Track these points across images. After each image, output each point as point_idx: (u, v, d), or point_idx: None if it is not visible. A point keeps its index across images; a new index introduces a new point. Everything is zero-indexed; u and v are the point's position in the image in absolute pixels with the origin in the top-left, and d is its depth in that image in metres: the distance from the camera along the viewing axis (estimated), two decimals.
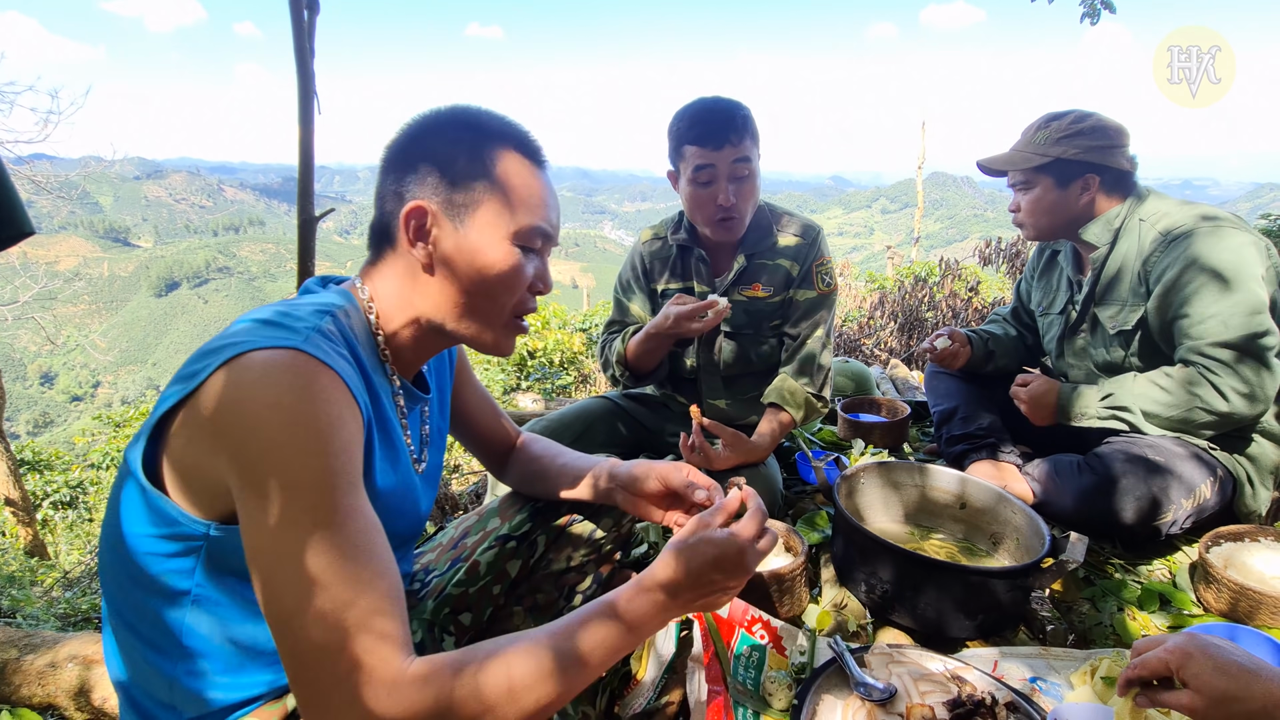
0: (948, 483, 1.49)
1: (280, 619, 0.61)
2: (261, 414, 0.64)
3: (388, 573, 0.64)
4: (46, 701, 1.25)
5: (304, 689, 0.60)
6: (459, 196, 0.81)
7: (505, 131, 0.85)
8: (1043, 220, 1.66)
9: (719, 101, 1.57)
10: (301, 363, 0.67)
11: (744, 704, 1.04)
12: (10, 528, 6.50)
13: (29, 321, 9.19)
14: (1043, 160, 1.59)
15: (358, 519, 0.65)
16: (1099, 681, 1.06)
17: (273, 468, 0.63)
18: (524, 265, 0.84)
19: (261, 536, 0.63)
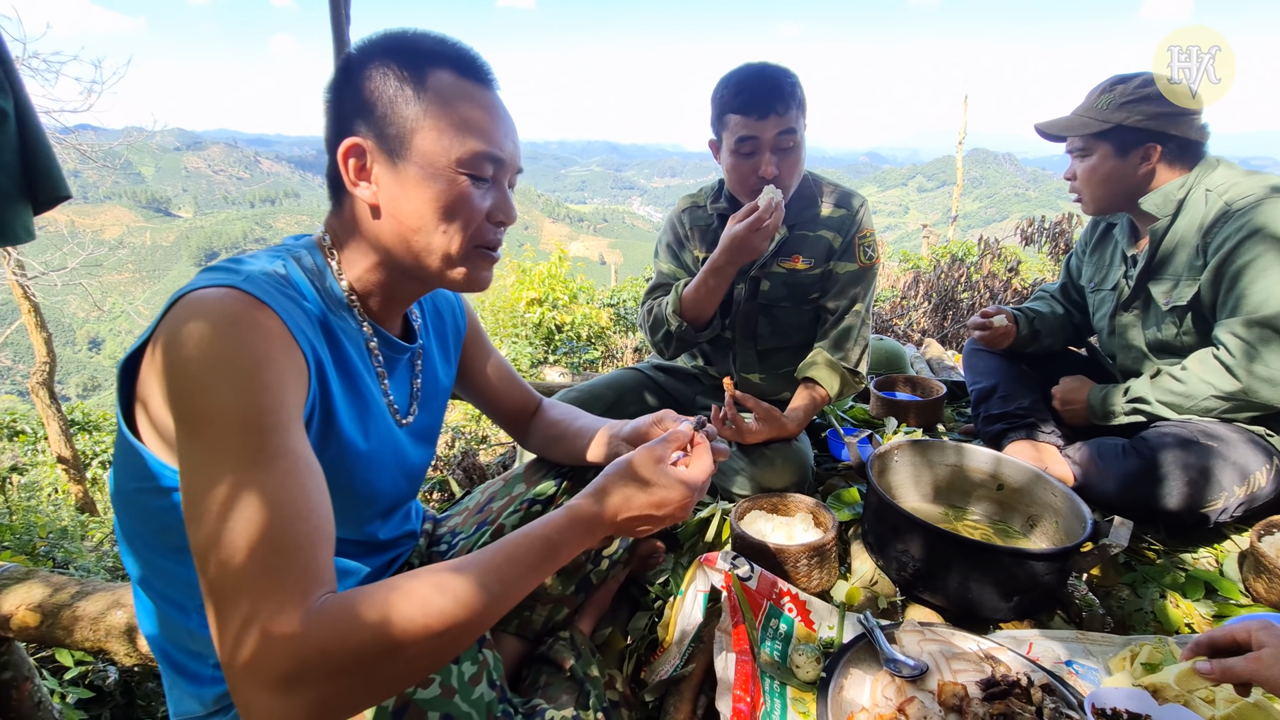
0: (984, 462, 1.46)
1: (197, 557, 0.59)
2: (190, 352, 0.63)
3: (310, 514, 0.61)
4: (98, 645, 1.30)
5: (220, 624, 0.56)
6: (392, 129, 0.76)
7: (439, 51, 0.79)
8: (1098, 190, 1.57)
9: (766, 69, 1.50)
10: (232, 299, 0.65)
11: (771, 675, 1.03)
12: (63, 484, 6.82)
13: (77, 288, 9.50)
14: (1102, 126, 1.50)
15: (284, 459, 0.62)
16: (1139, 667, 1.03)
17: (198, 406, 0.61)
18: (473, 195, 0.78)
19: (189, 474, 0.61)
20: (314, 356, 0.72)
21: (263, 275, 0.71)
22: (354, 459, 0.80)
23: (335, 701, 0.56)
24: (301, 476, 0.62)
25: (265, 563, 0.57)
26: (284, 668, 0.54)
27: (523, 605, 1.10)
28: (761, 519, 1.39)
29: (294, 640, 0.54)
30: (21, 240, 1.58)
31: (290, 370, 0.67)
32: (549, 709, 0.89)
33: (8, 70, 1.55)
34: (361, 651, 0.56)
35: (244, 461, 0.60)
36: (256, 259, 0.76)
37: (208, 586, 0.58)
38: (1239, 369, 1.37)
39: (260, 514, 0.58)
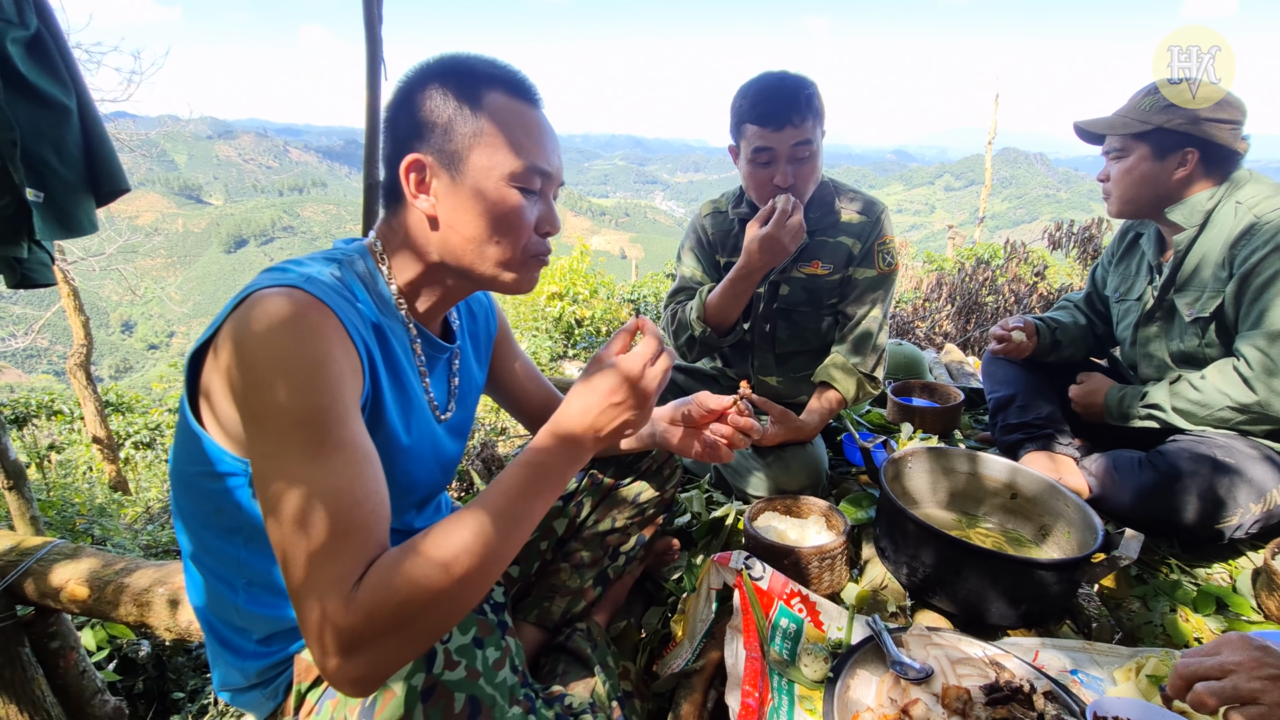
0: (998, 471, 1.47)
1: (275, 541, 0.65)
2: (255, 352, 0.68)
3: (367, 499, 0.67)
4: (140, 621, 1.38)
5: (296, 604, 0.64)
6: (451, 145, 0.81)
7: (492, 73, 0.84)
8: (1129, 191, 1.56)
9: (783, 80, 1.53)
10: (296, 299, 0.71)
11: (780, 672, 1.07)
12: (97, 463, 7.05)
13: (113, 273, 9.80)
14: (1143, 127, 1.49)
15: (343, 450, 0.68)
16: (1144, 679, 1.05)
17: (265, 402, 0.67)
18: (525, 207, 0.84)
19: (258, 465, 0.68)
20: (367, 354, 0.78)
21: (320, 277, 0.77)
22: (397, 451, 0.85)
23: (392, 652, 0.63)
24: (360, 465, 0.68)
25: (326, 546, 0.63)
26: (345, 636, 0.61)
27: (542, 596, 1.15)
28: (775, 520, 1.43)
29: (346, 613, 0.61)
30: (86, 232, 1.67)
31: (347, 367, 0.72)
32: (567, 695, 0.94)
33: (71, 70, 1.64)
34: (401, 608, 0.62)
35: (307, 454, 0.66)
36: (314, 261, 0.82)
37: (283, 567, 0.65)
38: (1257, 382, 1.37)
39: (321, 502, 0.64)
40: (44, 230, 1.66)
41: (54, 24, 1.64)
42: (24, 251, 1.66)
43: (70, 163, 1.69)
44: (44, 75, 1.60)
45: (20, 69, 1.53)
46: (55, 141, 1.65)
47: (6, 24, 1.49)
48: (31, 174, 1.60)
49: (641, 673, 1.17)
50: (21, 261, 1.68)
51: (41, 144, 1.61)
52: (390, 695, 0.79)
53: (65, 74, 1.66)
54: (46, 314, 9.13)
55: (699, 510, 1.54)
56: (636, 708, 1.04)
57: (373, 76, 2.38)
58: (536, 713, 0.83)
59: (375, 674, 0.63)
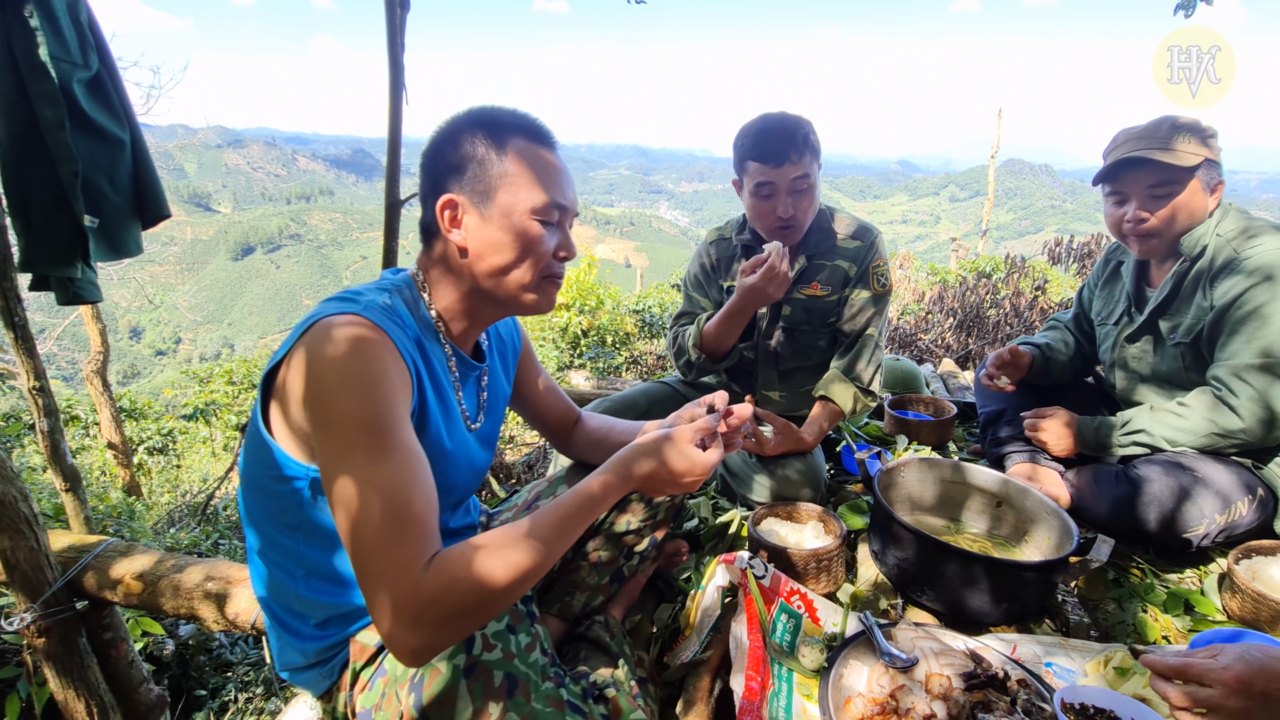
0: (984, 480, 1.58)
1: (344, 531, 0.77)
2: (325, 369, 0.81)
3: (421, 494, 0.79)
4: (191, 613, 1.50)
5: (362, 585, 0.76)
6: (481, 185, 0.95)
7: (514, 123, 0.97)
8: (1182, 226, 1.56)
9: (782, 120, 1.67)
10: (358, 325, 0.84)
11: (780, 662, 1.18)
12: (111, 468, 7.19)
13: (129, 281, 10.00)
14: (1197, 160, 1.49)
15: (400, 452, 0.79)
16: (1110, 670, 1.15)
17: (333, 412, 0.80)
18: (545, 237, 0.97)
19: (328, 467, 0.80)
20: (415, 371, 0.91)
21: (377, 305, 0.90)
22: (438, 455, 0.97)
23: (448, 632, 0.76)
24: (414, 465, 0.81)
25: (390, 534, 0.75)
26: (409, 613, 0.73)
27: (564, 591, 1.26)
28: (776, 524, 1.54)
29: (413, 592, 0.73)
30: (133, 254, 1.80)
31: (400, 382, 0.85)
32: (592, 675, 1.05)
33: (125, 104, 1.77)
34: (462, 598, 0.75)
35: (371, 455, 0.78)
36: (369, 291, 0.95)
37: (350, 552, 0.77)
38: (1243, 409, 1.45)
39: (384, 496, 0.77)
40: (97, 253, 1.79)
41: (112, 63, 1.78)
42: (78, 272, 1.79)
43: (121, 190, 1.83)
44: (102, 111, 1.73)
45: (83, 106, 1.67)
46: (110, 171, 1.79)
47: (73, 66, 1.62)
48: (87, 201, 1.73)
49: (654, 663, 1.28)
50: (74, 281, 1.82)
51: (98, 174, 1.75)
52: (436, 673, 0.91)
53: (120, 109, 1.79)
54: (64, 322, 9.32)
55: (706, 515, 1.65)
56: (650, 692, 1.15)
57: (395, 102, 2.52)
58: (565, 687, 0.94)
59: (432, 646, 0.75)
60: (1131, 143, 1.55)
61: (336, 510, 0.78)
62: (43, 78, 1.52)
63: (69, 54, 1.61)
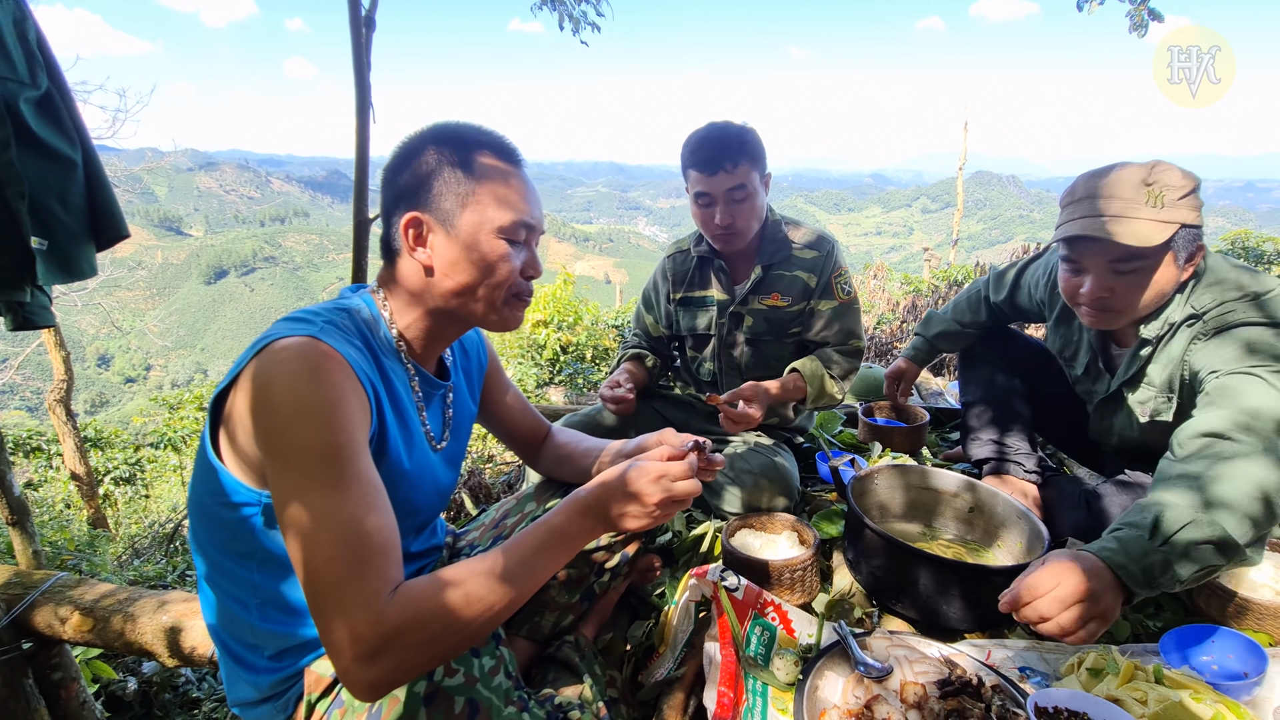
0: (955, 486, 1.58)
1: (298, 564, 0.74)
2: (278, 395, 0.77)
3: (380, 527, 0.76)
4: (145, 648, 1.43)
5: (317, 619, 0.73)
6: (446, 204, 0.93)
7: (480, 140, 0.95)
8: (1149, 303, 1.30)
9: (721, 130, 1.69)
10: (312, 348, 0.80)
11: (755, 676, 1.15)
12: (75, 500, 6.95)
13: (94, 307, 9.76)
14: (1170, 230, 1.22)
15: (357, 483, 0.76)
16: (1084, 672, 1.15)
17: (287, 442, 0.76)
18: (511, 255, 0.95)
19: (281, 498, 0.76)
20: (374, 393, 0.88)
21: (332, 326, 0.87)
22: (399, 478, 0.94)
23: (407, 668, 0.73)
24: (372, 497, 0.77)
25: (348, 569, 0.72)
26: (367, 647, 0.70)
27: (533, 611, 1.23)
28: (750, 536, 1.52)
29: (374, 626, 0.70)
30: (86, 276, 1.75)
31: (358, 408, 0.82)
32: (557, 696, 1.02)
33: (78, 124, 1.73)
34: (425, 634, 0.73)
35: (327, 487, 0.75)
36: (325, 311, 0.91)
37: (305, 587, 0.73)
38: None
39: (341, 530, 0.74)
40: (46, 276, 1.73)
41: (63, 82, 1.74)
42: (27, 296, 1.73)
43: (73, 211, 1.78)
44: (52, 131, 1.69)
45: (31, 126, 1.62)
46: (60, 192, 1.73)
47: (20, 85, 1.58)
48: (37, 223, 1.68)
49: (627, 682, 1.25)
50: (24, 305, 1.76)
51: (47, 195, 1.70)
52: (394, 702, 0.87)
53: (71, 128, 1.75)
54: (26, 350, 9.05)
55: (680, 529, 1.63)
56: (623, 713, 1.12)
57: (362, 121, 2.50)
58: (529, 711, 0.91)
59: (389, 681, 0.73)
60: (1087, 205, 1.28)
61: (290, 543, 0.75)
62: None
63: (15, 73, 1.57)
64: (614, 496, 0.86)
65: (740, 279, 1.89)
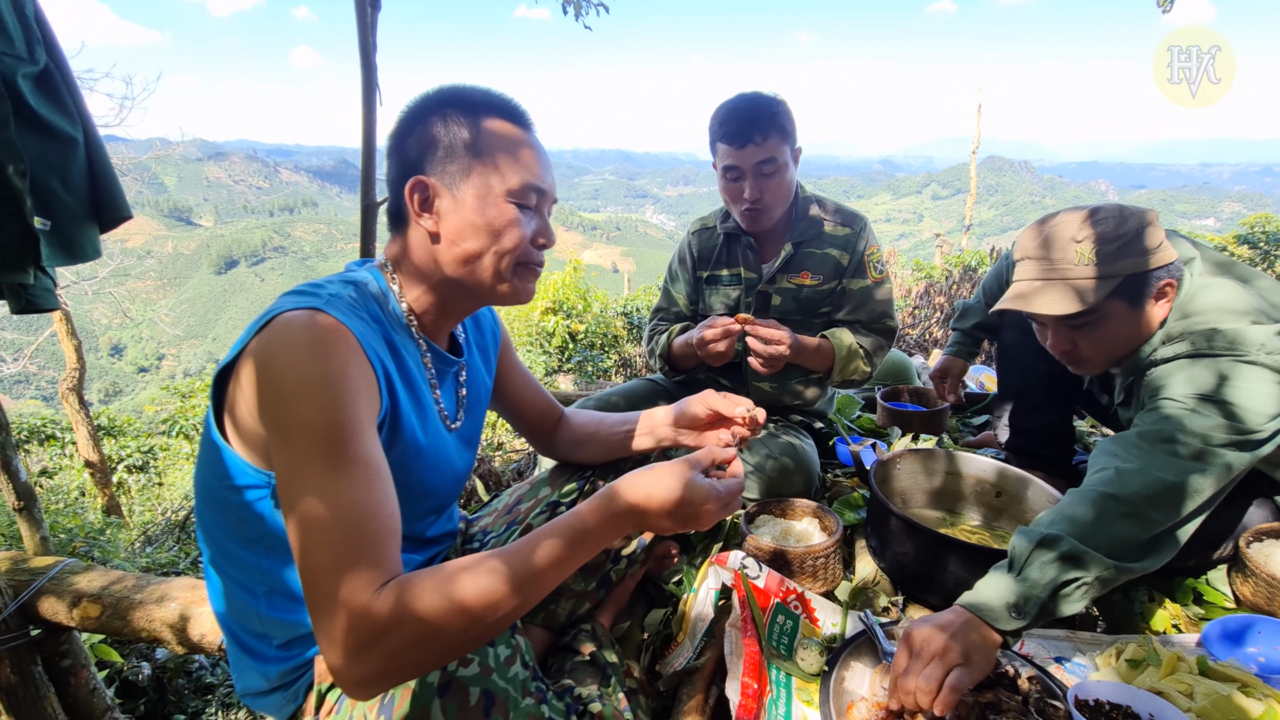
0: (982, 471, 1.53)
1: (295, 547, 0.70)
2: (282, 370, 0.73)
3: (379, 513, 0.71)
4: (153, 635, 1.41)
5: (310, 604, 0.68)
6: (453, 167, 0.88)
7: (488, 102, 0.91)
8: (1117, 353, 1.29)
9: (752, 100, 1.62)
10: (316, 322, 0.76)
11: (778, 666, 1.11)
12: (90, 488, 7.01)
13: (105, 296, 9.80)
14: (1111, 286, 1.19)
15: (359, 465, 0.72)
16: (1123, 664, 1.10)
17: (290, 418, 0.72)
18: (521, 220, 0.90)
19: (283, 475, 0.72)
20: (383, 369, 0.83)
21: (341, 298, 0.82)
22: (414, 458, 0.90)
23: (397, 668, 0.67)
24: (373, 481, 0.73)
25: (340, 556, 0.68)
26: (352, 642, 0.65)
27: (548, 599, 1.19)
28: (770, 522, 1.48)
29: (360, 619, 0.65)
30: (90, 257, 1.71)
31: (364, 384, 0.77)
32: (577, 688, 0.98)
33: (78, 101, 1.69)
34: (421, 633, 0.66)
35: (327, 467, 0.70)
36: (332, 284, 0.87)
37: (300, 573, 0.69)
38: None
39: (337, 515, 0.69)
40: (50, 257, 1.70)
41: (61, 58, 1.69)
42: (30, 278, 1.70)
43: (75, 191, 1.74)
44: (52, 108, 1.65)
45: (30, 103, 1.58)
46: (61, 171, 1.70)
47: (17, 60, 1.54)
48: (38, 203, 1.64)
49: (645, 671, 1.21)
50: (27, 288, 1.72)
51: (48, 174, 1.66)
52: (407, 692, 0.83)
53: (72, 106, 1.71)
54: (38, 339, 9.11)
55: None
56: (641, 704, 1.08)
57: (368, 103, 2.44)
58: (548, 703, 0.87)
59: (379, 679, 0.67)
60: (1026, 266, 1.27)
61: (289, 524, 0.71)
62: None
63: (13, 48, 1.52)
64: (662, 513, 0.78)
65: (769, 257, 1.83)
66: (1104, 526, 1.04)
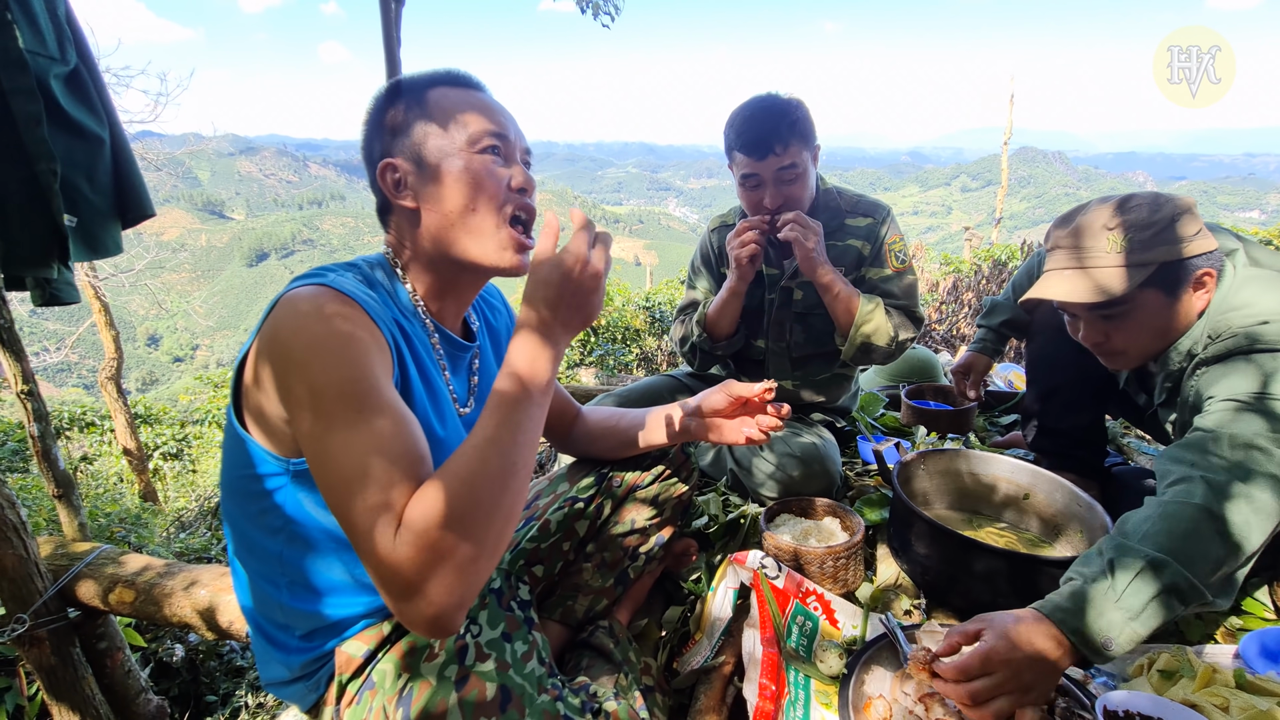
0: (1010, 472, 1.49)
1: (332, 508, 0.71)
2: (290, 338, 0.75)
3: (408, 453, 0.72)
4: (182, 621, 1.45)
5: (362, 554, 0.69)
6: (411, 141, 0.90)
7: (430, 77, 0.94)
8: (1154, 345, 1.23)
9: (768, 107, 1.58)
10: (321, 293, 0.78)
11: (797, 668, 1.10)
12: (127, 474, 7.24)
13: (142, 288, 10.08)
14: (1146, 274, 1.15)
15: (381, 414, 0.73)
16: (1155, 674, 1.06)
17: (303, 381, 0.73)
18: (490, 163, 0.90)
19: (307, 441, 0.73)
20: (394, 344, 0.84)
21: (346, 278, 0.84)
22: (433, 443, 0.90)
23: (447, 587, 0.67)
24: (397, 425, 0.73)
25: (375, 504, 0.69)
26: (399, 583, 0.66)
27: (565, 595, 1.20)
28: (790, 521, 1.46)
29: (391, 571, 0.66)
30: (111, 253, 1.76)
31: (374, 346, 0.78)
32: (592, 685, 0.98)
33: (105, 101, 1.73)
34: (437, 544, 0.67)
35: (348, 422, 0.71)
36: (339, 267, 0.89)
37: (345, 532, 0.70)
38: None
39: (366, 464, 0.70)
40: (75, 253, 1.74)
41: (91, 59, 1.73)
42: (54, 273, 1.75)
43: (101, 189, 1.78)
44: (81, 107, 1.69)
45: (61, 102, 1.62)
46: (88, 170, 1.74)
47: (50, 60, 1.57)
48: (65, 200, 1.69)
49: (662, 669, 1.21)
50: (51, 282, 1.77)
51: (76, 172, 1.70)
52: (425, 686, 0.84)
53: (100, 106, 1.75)
54: (79, 329, 9.41)
55: (716, 512, 1.58)
56: (658, 701, 1.08)
57: None
58: (564, 700, 0.87)
59: (442, 610, 0.67)
60: (1057, 256, 1.25)
61: (322, 489, 0.72)
62: (19, 72, 1.47)
63: (45, 48, 1.56)
64: (541, 295, 0.80)
65: (790, 252, 1.81)
66: (1199, 547, 0.95)
